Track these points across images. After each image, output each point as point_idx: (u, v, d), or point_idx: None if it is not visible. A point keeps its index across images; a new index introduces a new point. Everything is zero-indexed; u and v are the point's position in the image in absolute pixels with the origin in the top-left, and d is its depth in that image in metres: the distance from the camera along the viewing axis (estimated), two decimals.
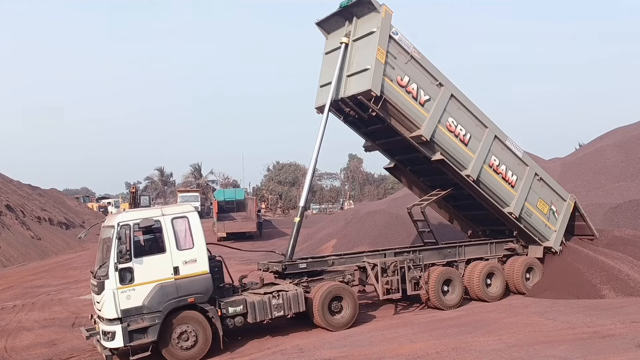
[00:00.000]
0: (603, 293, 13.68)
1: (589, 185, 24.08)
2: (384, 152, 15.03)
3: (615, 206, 20.57)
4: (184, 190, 66.62)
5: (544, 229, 14.75)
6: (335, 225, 28.86)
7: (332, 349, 10.46)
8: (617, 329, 10.52)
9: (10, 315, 16.32)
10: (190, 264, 10.63)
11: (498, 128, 14.03)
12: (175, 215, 10.81)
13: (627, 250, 15.64)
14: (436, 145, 13.19)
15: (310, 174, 13.59)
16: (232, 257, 22.85)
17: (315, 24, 13.88)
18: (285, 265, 12.46)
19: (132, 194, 46.51)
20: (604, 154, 26.35)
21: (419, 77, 12.89)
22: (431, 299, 13.33)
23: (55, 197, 57.97)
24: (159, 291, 10.27)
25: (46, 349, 12.11)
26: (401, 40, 12.57)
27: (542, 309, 12.80)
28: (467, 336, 10.74)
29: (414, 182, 15.74)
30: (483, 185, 13.80)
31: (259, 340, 11.66)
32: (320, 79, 13.88)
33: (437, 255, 14.21)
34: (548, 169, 26.40)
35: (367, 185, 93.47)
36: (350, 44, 12.89)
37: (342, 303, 12.08)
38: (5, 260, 33.11)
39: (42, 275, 26.63)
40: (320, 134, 13.04)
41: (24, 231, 40.00)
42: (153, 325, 10.10)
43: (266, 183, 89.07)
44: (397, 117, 12.86)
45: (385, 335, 11.30)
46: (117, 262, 10.04)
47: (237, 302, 11.17)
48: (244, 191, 48.97)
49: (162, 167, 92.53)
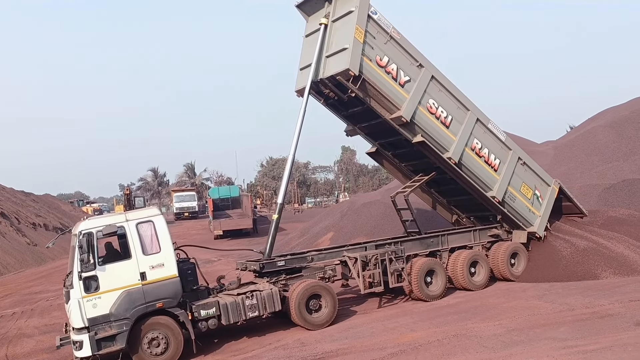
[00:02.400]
0: (600, 274, 13.63)
1: (582, 167, 24.13)
2: (365, 136, 14.79)
3: (609, 186, 20.63)
4: (179, 190, 66.52)
5: (527, 214, 14.55)
6: (331, 218, 28.77)
7: (333, 341, 10.52)
8: (615, 309, 10.58)
9: (10, 323, 16.46)
10: (157, 269, 10.40)
11: (480, 111, 13.86)
12: (140, 220, 10.56)
13: (623, 230, 15.59)
14: (417, 127, 13.00)
15: (289, 164, 13.11)
16: (227, 255, 22.78)
17: (295, 7, 13.67)
18: (262, 264, 12.19)
19: (127, 196, 46.32)
20: (596, 135, 26.36)
21: (399, 57, 12.71)
22: (414, 290, 13.10)
23: (49, 203, 57.98)
24: (126, 298, 10.07)
25: (47, 354, 12.10)
26: (380, 20, 12.41)
27: (540, 292, 12.81)
28: (468, 322, 10.81)
29: (397, 167, 15.51)
30: (465, 168, 13.61)
31: (259, 337, 11.58)
32: (300, 62, 13.72)
33: (419, 245, 13.97)
34: (541, 152, 26.37)
35: (362, 176, 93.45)
36: (329, 25, 12.71)
37: (320, 301, 11.78)
38: (2, 267, 33.05)
39: (40, 281, 26.76)
40: (300, 118, 12.82)
41: (20, 238, 39.91)
42: (121, 332, 9.95)
43: (260, 179, 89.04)
44: (376, 97, 12.67)
45: (385, 325, 11.31)
46: (81, 270, 9.88)
47: (209, 305, 10.92)
48: (238, 188, 48.88)
49: (155, 168, 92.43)
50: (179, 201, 59.81)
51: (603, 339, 8.89)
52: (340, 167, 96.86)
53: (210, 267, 20.32)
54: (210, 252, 15.65)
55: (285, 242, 28.60)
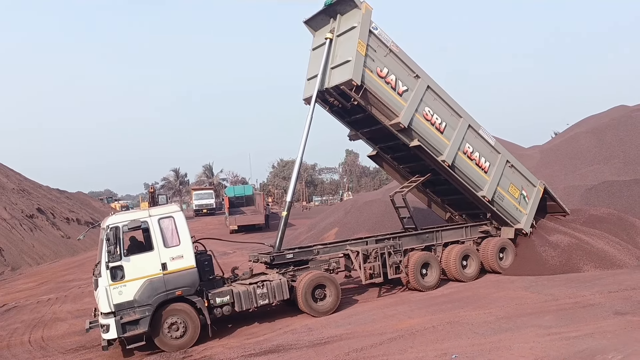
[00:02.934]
0: (582, 267, 13.59)
1: (565, 169, 23.95)
2: (366, 140, 14.74)
3: (590, 187, 20.47)
4: (198, 188, 65.64)
5: (515, 212, 14.47)
6: (336, 215, 28.73)
7: (338, 327, 10.57)
8: (596, 299, 10.64)
9: (45, 308, 16.63)
10: (177, 260, 10.38)
11: (472, 118, 13.82)
12: (162, 216, 10.54)
13: (603, 227, 15.58)
14: (414, 133, 13.00)
15: (297, 166, 13.06)
16: (242, 248, 22.79)
17: (303, 23, 13.72)
18: (273, 257, 12.17)
19: (151, 194, 46.53)
20: (578, 140, 26.12)
21: (398, 69, 12.73)
22: (411, 281, 13.04)
23: (81, 199, 58.10)
24: (149, 286, 10.07)
25: (79, 337, 12.17)
26: (381, 35, 12.43)
27: (527, 283, 12.77)
28: (460, 311, 10.81)
29: (395, 168, 15.44)
30: (458, 170, 13.59)
31: (269, 322, 11.59)
32: (307, 73, 13.72)
33: (415, 240, 13.89)
34: (528, 156, 26.18)
35: (364, 177, 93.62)
36: (334, 39, 12.75)
37: (325, 291, 11.75)
38: (38, 258, 33.24)
39: (73, 270, 26.89)
40: (307, 124, 12.80)
41: (55, 231, 40.09)
42: (144, 317, 9.95)
43: (272, 179, 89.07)
44: (377, 105, 12.70)
45: (385, 312, 11.35)
46: (108, 261, 9.90)
47: (224, 293, 10.92)
48: (252, 187, 48.75)
49: (177, 168, 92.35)
50: (198, 199, 58.55)
51: (584, 326, 8.89)
52: (345, 169, 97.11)
53: (225, 259, 20.31)
54: (226, 245, 15.67)
55: (294, 236, 28.57)
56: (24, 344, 12.19)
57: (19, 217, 36.85)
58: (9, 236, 33.19)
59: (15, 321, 14.91)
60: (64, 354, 10.92)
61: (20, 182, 45.16)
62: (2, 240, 31.70)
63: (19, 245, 33.06)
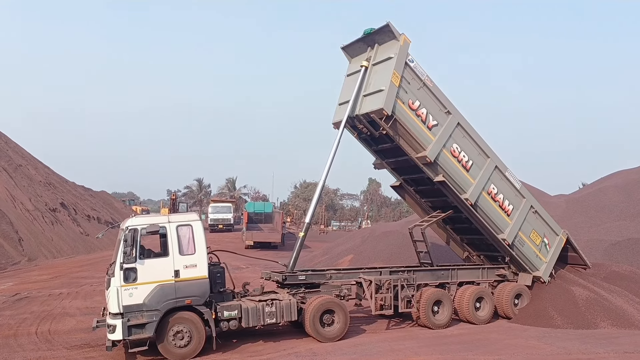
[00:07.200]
0: (598, 323, 13.13)
1: (590, 221, 23.58)
2: (391, 170, 14.71)
3: (614, 243, 20.15)
4: (218, 201, 60.74)
5: (535, 259, 14.15)
6: (352, 242, 28.63)
7: (342, 355, 10.40)
8: (610, 358, 10.24)
9: (56, 302, 16.81)
10: (190, 269, 10.40)
11: (499, 159, 13.70)
12: (180, 223, 10.61)
13: (624, 285, 15.12)
14: (439, 168, 12.93)
15: (319, 188, 13.11)
16: (256, 264, 22.81)
17: (341, 49, 13.85)
18: (285, 276, 12.12)
19: (172, 201, 46.99)
20: (607, 194, 25.83)
21: (429, 103, 12.72)
22: (421, 317, 12.80)
23: (104, 199, 59.07)
24: (159, 291, 10.09)
25: (85, 334, 12.22)
26: (416, 68, 12.48)
27: (540, 333, 12.46)
28: (469, 354, 10.50)
29: (417, 202, 15.31)
30: (480, 210, 13.41)
31: (274, 342, 11.46)
32: (339, 98, 13.82)
33: (430, 276, 13.68)
34: (553, 203, 25.83)
35: (384, 207, 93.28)
36: (369, 68, 12.82)
37: (333, 316, 11.60)
38: (56, 252, 33.75)
39: (87, 267, 27.27)
40: (334, 148, 12.85)
41: (75, 227, 40.76)
42: (151, 322, 9.95)
43: (293, 199, 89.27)
44: (405, 137, 12.70)
45: (392, 346, 11.13)
46: (123, 262, 9.96)
47: (232, 307, 10.87)
48: (272, 205, 48.83)
49: (201, 179, 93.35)
50: (214, 212, 51.26)
51: None
52: (366, 197, 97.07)
53: (238, 273, 20.29)
54: (239, 259, 15.69)
55: (308, 258, 28.46)
56: (30, 334, 12.31)
57: (42, 210, 37.60)
58: (30, 227, 33.84)
59: (25, 311, 15.10)
60: (69, 350, 10.98)
61: (47, 176, 46.17)
62: (23, 231, 32.31)
63: (38, 236, 33.66)
